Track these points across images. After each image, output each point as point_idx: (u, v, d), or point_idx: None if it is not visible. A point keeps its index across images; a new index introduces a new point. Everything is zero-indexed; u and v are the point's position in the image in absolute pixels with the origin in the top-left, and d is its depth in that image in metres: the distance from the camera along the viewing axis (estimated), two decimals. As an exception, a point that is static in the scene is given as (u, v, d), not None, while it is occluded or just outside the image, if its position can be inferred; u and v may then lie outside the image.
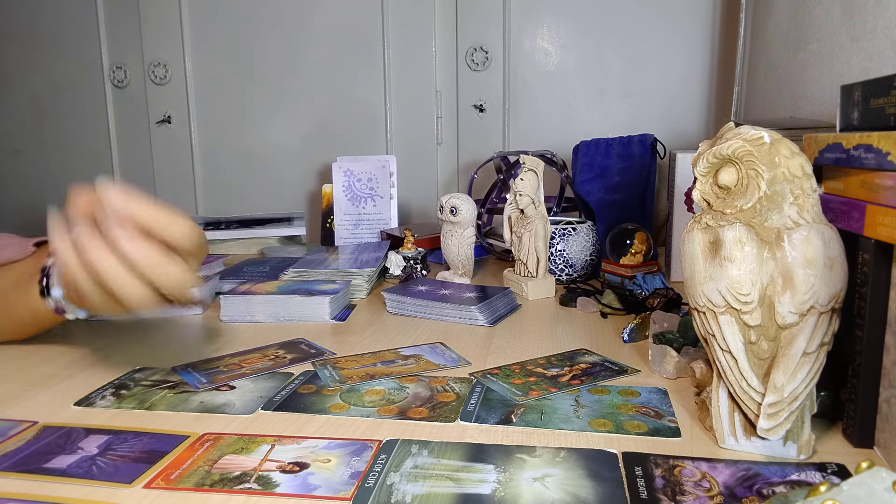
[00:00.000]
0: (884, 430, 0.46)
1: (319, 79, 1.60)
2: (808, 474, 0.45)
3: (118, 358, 0.72)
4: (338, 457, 0.48)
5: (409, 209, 1.59)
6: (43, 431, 0.53)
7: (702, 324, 0.50)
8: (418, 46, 1.55)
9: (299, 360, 0.70)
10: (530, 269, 0.98)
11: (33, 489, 0.44)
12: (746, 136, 0.48)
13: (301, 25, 1.59)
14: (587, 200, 1.17)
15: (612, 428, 0.52)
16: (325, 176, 1.49)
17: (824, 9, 0.94)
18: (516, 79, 1.52)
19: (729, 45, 1.40)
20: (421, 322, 0.85)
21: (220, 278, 1.02)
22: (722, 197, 0.50)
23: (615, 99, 1.49)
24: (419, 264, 1.08)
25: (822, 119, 0.91)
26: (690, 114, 1.46)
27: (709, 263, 0.48)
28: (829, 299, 0.46)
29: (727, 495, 0.42)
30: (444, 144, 1.59)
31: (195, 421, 0.55)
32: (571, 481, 0.44)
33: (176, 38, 1.64)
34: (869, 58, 0.80)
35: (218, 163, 1.69)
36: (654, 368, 0.65)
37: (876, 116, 0.46)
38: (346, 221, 1.36)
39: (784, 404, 0.45)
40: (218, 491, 0.44)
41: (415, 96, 1.57)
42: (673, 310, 0.81)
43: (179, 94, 1.67)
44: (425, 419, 0.54)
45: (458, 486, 0.44)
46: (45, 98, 1.76)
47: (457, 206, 1.00)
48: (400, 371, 0.66)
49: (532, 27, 1.50)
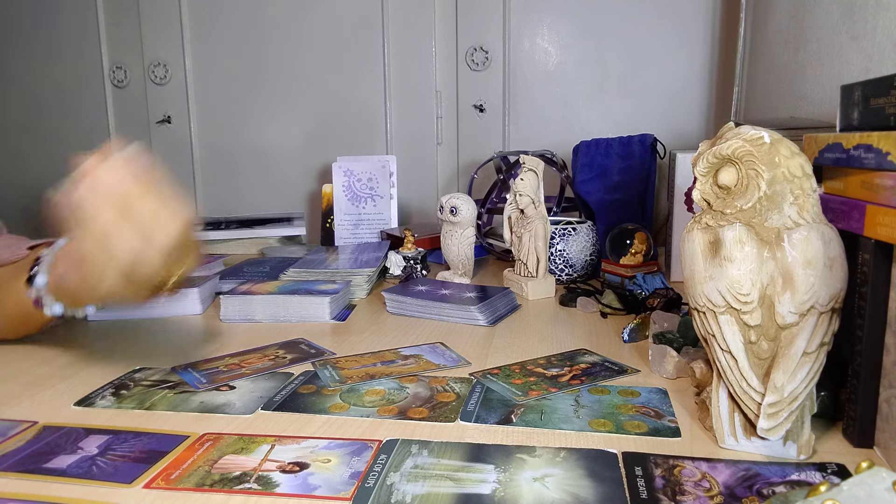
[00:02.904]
0: (884, 430, 0.46)
1: (319, 79, 1.60)
2: (808, 474, 0.45)
3: (118, 358, 0.72)
4: (338, 457, 0.48)
5: (409, 209, 1.59)
6: (43, 431, 0.53)
7: (702, 324, 0.50)
8: (418, 46, 1.55)
9: (299, 360, 0.70)
10: (530, 269, 0.98)
11: (33, 489, 0.44)
12: (746, 136, 0.48)
13: (301, 25, 1.59)
14: (587, 200, 1.17)
15: (612, 428, 0.52)
16: (325, 176, 1.49)
17: (824, 9, 0.94)
18: (516, 79, 1.52)
19: (729, 45, 1.40)
20: (421, 322, 0.85)
21: (220, 278, 1.02)
22: (722, 197, 0.50)
23: (615, 99, 1.49)
24: (419, 264, 1.08)
25: (822, 119, 0.91)
26: (690, 114, 1.46)
27: (709, 263, 0.48)
28: (829, 299, 0.46)
29: (727, 495, 0.42)
30: (444, 144, 1.59)
31: (195, 421, 0.55)
32: (571, 481, 0.44)
33: (176, 38, 1.64)
34: (869, 58, 0.80)
35: (218, 163, 1.69)
36: (654, 368, 0.65)
37: (876, 116, 0.46)
38: (346, 221, 1.36)
39: (784, 404, 0.45)
40: (218, 491, 0.44)
41: (415, 96, 1.57)
42: (673, 310, 0.81)
43: (179, 94, 1.67)
44: (425, 419, 0.54)
45: (458, 486, 0.44)
46: (45, 98, 1.76)
47: (457, 206, 1.00)
48: (400, 371, 0.66)
49: (532, 27, 1.50)
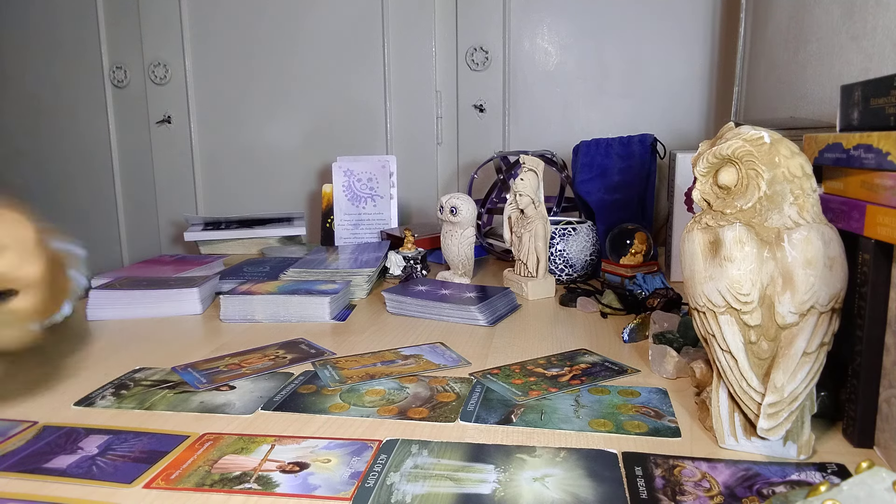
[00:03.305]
0: (884, 430, 0.46)
1: (319, 79, 1.60)
2: (808, 474, 0.45)
3: (118, 358, 0.72)
4: (338, 457, 0.48)
5: (409, 209, 1.59)
6: (43, 431, 0.53)
7: (702, 324, 0.50)
8: (418, 46, 1.55)
9: (299, 360, 0.70)
10: (530, 269, 0.98)
11: (33, 489, 0.44)
12: (746, 136, 0.48)
13: (301, 25, 1.59)
14: (587, 200, 1.17)
15: (612, 428, 0.52)
16: (325, 176, 1.49)
17: (824, 9, 0.94)
18: (516, 79, 1.52)
19: (729, 45, 1.40)
20: (421, 322, 0.85)
21: (220, 278, 1.02)
22: (722, 197, 0.50)
23: (615, 99, 1.49)
24: (419, 264, 1.08)
25: (822, 119, 0.91)
26: (690, 114, 1.46)
27: (709, 263, 0.48)
28: (829, 299, 0.46)
29: (727, 495, 0.42)
30: (444, 144, 1.59)
31: (195, 421, 0.55)
32: (571, 481, 0.44)
33: (176, 38, 1.64)
34: (869, 58, 0.80)
35: (218, 163, 1.69)
36: (654, 368, 0.65)
37: (876, 116, 0.46)
38: (346, 221, 1.36)
39: (784, 404, 0.45)
40: (218, 491, 0.44)
41: (415, 96, 1.57)
42: (673, 310, 0.81)
43: (179, 94, 1.67)
44: (425, 419, 0.54)
45: (458, 486, 0.44)
46: (45, 98, 1.76)
47: (457, 206, 1.00)
48: (400, 371, 0.66)
49: (532, 27, 1.50)
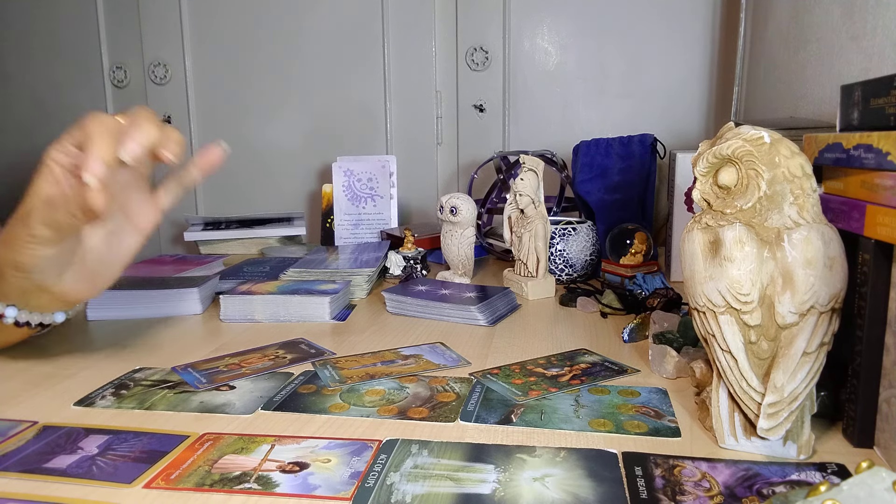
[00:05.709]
0: (884, 430, 0.46)
1: (319, 79, 1.60)
2: (808, 474, 0.45)
3: (118, 358, 0.72)
4: (338, 457, 0.48)
5: (409, 209, 1.59)
6: (43, 431, 0.53)
7: (702, 324, 0.50)
8: (418, 46, 1.55)
9: (299, 360, 0.70)
10: (530, 269, 0.98)
11: (33, 489, 0.44)
12: (746, 136, 0.48)
13: (301, 25, 1.59)
14: (587, 200, 1.17)
15: (612, 428, 0.52)
16: (325, 176, 1.49)
17: (824, 9, 0.94)
18: (516, 79, 1.52)
19: (729, 45, 1.40)
20: (421, 322, 0.85)
21: (220, 278, 1.02)
22: (722, 197, 0.50)
23: (615, 99, 1.49)
24: (419, 264, 1.08)
25: (822, 119, 0.91)
26: (690, 114, 1.46)
27: (709, 263, 0.48)
28: (829, 299, 0.46)
29: (727, 495, 0.42)
30: (444, 144, 1.59)
31: (195, 421, 0.55)
32: (571, 481, 0.44)
33: (176, 38, 1.64)
34: (869, 58, 0.80)
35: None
36: (654, 368, 0.65)
37: (876, 116, 0.46)
38: (346, 221, 1.36)
39: (784, 404, 0.45)
40: (218, 491, 0.44)
41: (415, 96, 1.57)
42: (673, 310, 0.81)
43: (179, 94, 1.67)
44: (425, 419, 0.54)
45: (458, 486, 0.44)
46: (45, 98, 1.76)
47: (457, 206, 1.00)
48: (400, 371, 0.66)
49: (532, 27, 1.50)
